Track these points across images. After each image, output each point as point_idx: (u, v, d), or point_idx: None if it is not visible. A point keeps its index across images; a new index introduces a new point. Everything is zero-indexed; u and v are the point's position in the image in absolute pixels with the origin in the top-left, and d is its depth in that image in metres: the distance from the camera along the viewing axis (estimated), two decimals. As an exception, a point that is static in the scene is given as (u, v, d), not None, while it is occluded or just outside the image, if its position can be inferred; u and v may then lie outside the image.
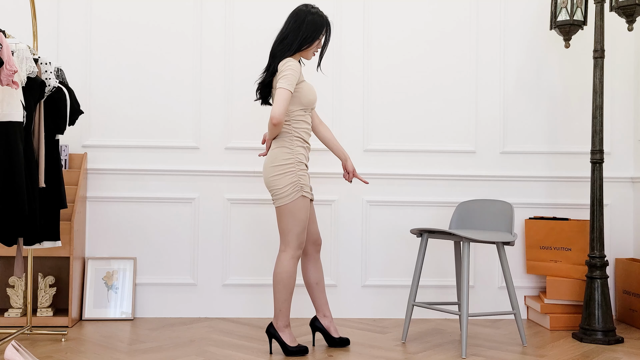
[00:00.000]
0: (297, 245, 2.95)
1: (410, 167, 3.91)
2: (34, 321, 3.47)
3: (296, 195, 2.91)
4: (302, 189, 2.93)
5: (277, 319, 2.97)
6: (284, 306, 2.95)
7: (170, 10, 3.86)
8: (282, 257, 2.95)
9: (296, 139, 2.97)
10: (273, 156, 2.97)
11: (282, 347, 2.97)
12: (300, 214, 2.93)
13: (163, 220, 3.83)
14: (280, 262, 2.94)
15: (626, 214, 3.96)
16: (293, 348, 2.96)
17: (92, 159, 3.81)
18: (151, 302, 3.80)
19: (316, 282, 3.11)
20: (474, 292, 3.89)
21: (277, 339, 2.98)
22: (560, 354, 3.05)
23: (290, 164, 2.93)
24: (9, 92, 2.75)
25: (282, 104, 2.83)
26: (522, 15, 3.96)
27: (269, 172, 2.96)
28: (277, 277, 2.94)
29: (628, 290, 3.71)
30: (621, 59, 3.98)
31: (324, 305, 3.12)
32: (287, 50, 2.97)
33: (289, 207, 2.92)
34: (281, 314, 2.96)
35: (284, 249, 2.96)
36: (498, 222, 3.34)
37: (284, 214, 2.93)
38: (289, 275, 2.93)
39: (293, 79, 2.87)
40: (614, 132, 3.97)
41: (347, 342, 3.14)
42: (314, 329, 3.14)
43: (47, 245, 3.08)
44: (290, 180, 2.91)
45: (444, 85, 3.94)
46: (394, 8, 3.92)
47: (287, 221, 2.93)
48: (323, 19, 3.02)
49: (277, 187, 2.93)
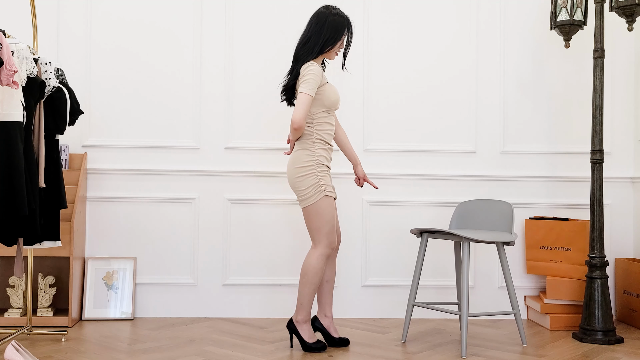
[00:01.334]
0: (327, 244, 3.02)
1: (410, 167, 3.91)
2: (34, 321, 3.47)
3: (319, 196, 2.99)
4: (325, 189, 3.00)
5: (298, 313, 3.05)
6: (306, 301, 3.03)
7: (170, 10, 3.86)
8: (311, 253, 3.04)
9: (318, 141, 3.04)
10: (295, 158, 3.04)
11: (300, 342, 3.05)
12: (325, 213, 3.00)
13: (163, 220, 3.83)
14: (308, 257, 3.03)
15: (626, 214, 3.96)
16: (311, 344, 3.03)
17: (92, 159, 3.81)
18: (151, 302, 3.80)
19: (327, 280, 3.15)
20: (474, 292, 3.89)
21: (296, 335, 3.05)
22: (560, 354, 3.05)
23: (311, 165, 3.00)
24: (9, 92, 2.75)
25: (303, 108, 2.91)
26: (522, 15, 3.96)
27: (292, 173, 3.05)
28: (304, 271, 3.03)
29: (628, 290, 3.71)
30: (621, 59, 3.98)
31: (327, 305, 3.15)
32: (310, 53, 3.03)
33: (314, 207, 2.99)
34: (302, 308, 3.03)
35: (314, 246, 3.05)
36: (498, 222, 3.34)
37: (311, 214, 3.01)
38: (315, 272, 3.00)
39: (314, 83, 2.94)
40: (614, 132, 3.97)
41: (346, 343, 3.15)
42: (314, 329, 3.14)
43: (47, 245, 3.08)
44: (312, 181, 2.99)
45: (444, 85, 3.94)
46: (394, 8, 3.92)
47: (314, 221, 3.01)
48: (344, 19, 3.08)
49: (300, 188, 3.01)
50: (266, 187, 3.85)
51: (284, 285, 3.82)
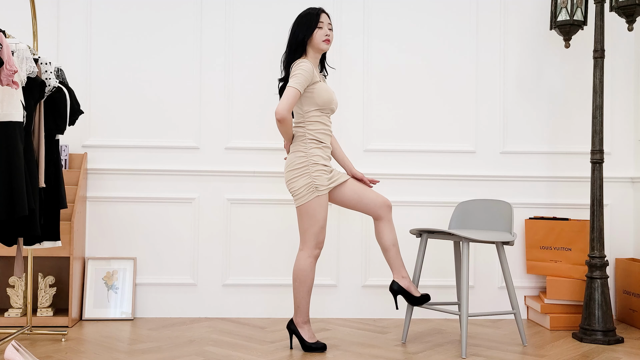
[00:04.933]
0: (314, 245, 3.03)
1: (410, 167, 3.91)
2: (34, 321, 3.47)
3: (311, 196, 3.00)
4: (317, 189, 3.00)
5: (297, 315, 3.07)
6: (302, 303, 3.05)
7: (170, 10, 3.86)
8: (299, 255, 3.05)
9: (310, 141, 3.05)
10: (290, 160, 3.07)
11: (300, 342, 3.07)
12: (316, 213, 3.01)
13: (163, 220, 3.83)
14: (298, 260, 3.04)
15: (626, 214, 3.96)
16: (311, 344, 3.05)
17: (92, 159, 3.81)
18: (151, 302, 3.80)
19: (392, 243, 3.12)
20: (474, 292, 3.89)
21: (296, 335, 3.07)
22: (560, 354, 3.05)
23: (304, 166, 3.02)
24: (9, 92, 2.75)
25: (287, 100, 2.92)
26: (522, 15, 3.96)
27: (287, 175, 3.07)
28: (295, 275, 3.04)
29: (628, 290, 3.71)
30: (621, 59, 3.98)
31: (400, 267, 3.13)
32: (293, 54, 3.07)
33: (306, 207, 3.01)
34: (299, 310, 3.06)
35: (302, 248, 3.05)
36: (498, 222, 3.34)
37: (302, 214, 3.03)
38: (306, 273, 3.02)
39: (302, 79, 2.95)
40: (614, 132, 3.97)
41: (428, 298, 3.14)
42: (395, 293, 3.12)
43: (47, 245, 3.08)
44: (305, 182, 3.00)
45: (443, 85, 3.94)
46: (394, 7, 3.92)
47: (305, 221, 3.03)
48: (313, 11, 3.09)
49: (294, 188, 3.04)
50: (266, 187, 3.85)
51: (284, 285, 3.82)
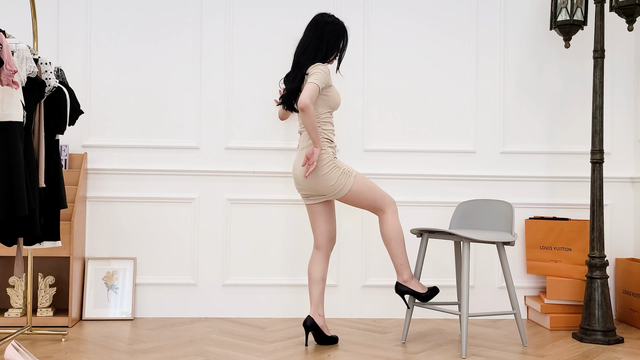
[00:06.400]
0: (389, 203, 3.14)
1: (410, 167, 3.91)
2: (34, 321, 3.47)
3: (351, 180, 3.09)
4: (351, 173, 3.09)
5: (402, 273, 3.14)
6: (404, 259, 3.14)
7: (170, 11, 3.86)
8: (384, 218, 3.13)
9: (324, 140, 3.10)
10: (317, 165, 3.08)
11: (416, 296, 3.16)
12: (366, 183, 3.11)
13: (163, 220, 3.83)
14: (386, 222, 3.13)
15: (626, 214, 3.96)
16: (426, 293, 3.16)
17: (92, 159, 3.81)
18: (151, 302, 3.80)
19: (322, 278, 3.17)
20: (474, 292, 3.89)
21: (408, 292, 3.15)
22: (560, 354, 3.05)
23: (329, 161, 3.07)
24: (9, 92, 2.75)
25: (308, 92, 2.95)
26: (522, 15, 3.96)
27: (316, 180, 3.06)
28: (390, 236, 3.12)
29: (628, 290, 3.71)
30: (621, 59, 3.98)
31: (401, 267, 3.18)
32: (312, 59, 3.11)
33: (354, 189, 3.09)
34: (404, 267, 3.14)
35: (384, 212, 3.14)
36: (498, 222, 3.34)
37: (356, 195, 3.10)
38: (398, 230, 3.13)
39: (323, 78, 3.02)
40: (614, 132, 3.97)
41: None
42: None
43: (47, 245, 3.08)
44: (337, 173, 3.07)
45: (444, 85, 3.94)
46: (394, 7, 3.92)
47: (364, 197, 3.11)
48: (341, 26, 3.18)
49: (330, 184, 3.07)
50: (266, 187, 3.85)
51: (284, 285, 3.82)
